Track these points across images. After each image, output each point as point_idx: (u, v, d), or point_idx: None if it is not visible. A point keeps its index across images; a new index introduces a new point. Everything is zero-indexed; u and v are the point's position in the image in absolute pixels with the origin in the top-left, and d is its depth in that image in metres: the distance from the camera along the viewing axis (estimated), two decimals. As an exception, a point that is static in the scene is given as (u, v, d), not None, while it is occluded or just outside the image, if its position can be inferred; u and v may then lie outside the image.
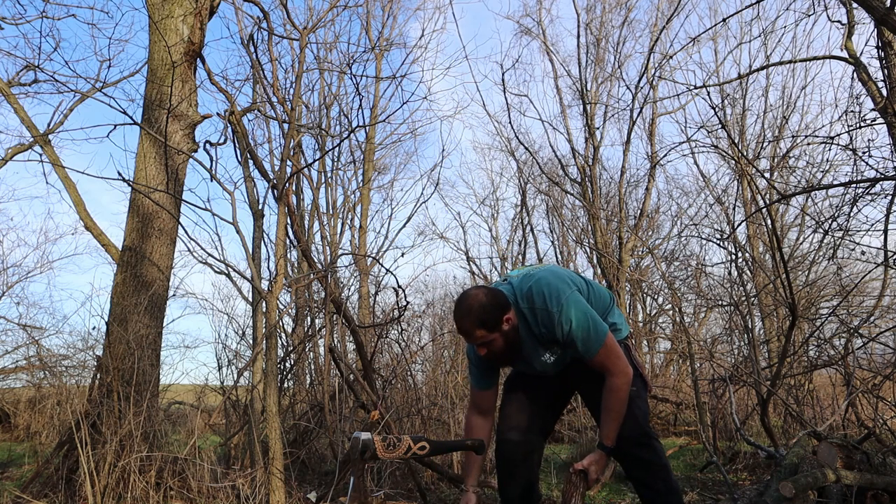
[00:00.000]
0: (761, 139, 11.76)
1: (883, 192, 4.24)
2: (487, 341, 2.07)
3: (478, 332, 2.05)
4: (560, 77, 12.95)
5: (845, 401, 4.52)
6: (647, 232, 12.96)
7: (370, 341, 5.00)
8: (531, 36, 12.91)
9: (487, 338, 2.06)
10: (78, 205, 4.97)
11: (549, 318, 2.07)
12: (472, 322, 2.04)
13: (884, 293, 5.52)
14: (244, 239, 3.72)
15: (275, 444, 3.03)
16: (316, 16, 10.88)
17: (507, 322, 2.09)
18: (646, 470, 2.19)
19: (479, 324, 2.04)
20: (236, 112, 4.34)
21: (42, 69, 7.13)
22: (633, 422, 2.14)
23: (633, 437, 2.15)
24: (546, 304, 2.07)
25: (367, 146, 12.68)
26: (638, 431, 2.15)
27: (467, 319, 2.04)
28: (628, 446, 2.15)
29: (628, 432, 2.13)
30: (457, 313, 2.08)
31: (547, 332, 2.10)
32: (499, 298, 2.09)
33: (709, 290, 9.88)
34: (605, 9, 12.43)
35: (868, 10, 2.75)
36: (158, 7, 4.64)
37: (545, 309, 2.08)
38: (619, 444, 2.12)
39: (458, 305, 2.10)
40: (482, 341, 2.07)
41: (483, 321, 2.04)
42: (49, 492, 3.53)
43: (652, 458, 2.18)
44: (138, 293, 4.27)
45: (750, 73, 7.13)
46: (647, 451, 2.17)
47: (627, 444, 2.14)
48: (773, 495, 2.74)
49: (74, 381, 6.52)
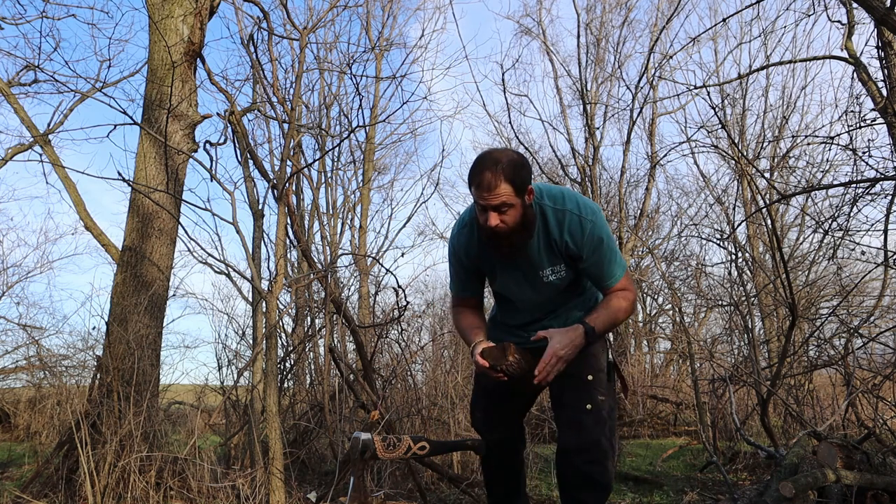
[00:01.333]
0: (761, 139, 11.76)
1: (883, 192, 4.24)
2: (508, 204, 1.74)
3: (502, 187, 1.71)
4: (560, 77, 12.97)
5: (845, 401, 4.52)
6: (647, 232, 12.97)
7: (370, 341, 5.00)
8: (531, 36, 12.94)
9: (510, 198, 1.73)
10: (78, 205, 4.97)
11: (578, 225, 1.83)
12: (500, 173, 1.70)
13: (884, 293, 5.52)
14: (244, 239, 3.72)
15: (275, 444, 3.03)
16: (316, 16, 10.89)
17: (530, 195, 1.80)
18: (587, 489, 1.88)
19: (507, 177, 1.71)
20: (236, 112, 4.33)
21: (42, 69, 7.14)
22: (596, 435, 1.87)
23: (587, 452, 1.86)
24: (579, 210, 1.84)
25: (367, 146, 12.68)
26: (595, 446, 1.87)
27: (494, 169, 1.71)
28: (579, 461, 1.86)
29: (586, 445, 1.86)
30: (480, 163, 1.74)
31: (567, 240, 1.85)
32: (528, 164, 1.80)
33: (709, 290, 9.88)
34: (605, 9, 12.45)
35: (868, 10, 2.75)
36: (158, 7, 4.64)
37: (577, 214, 1.83)
38: (568, 457, 1.89)
39: (481, 157, 1.76)
40: (502, 202, 1.73)
41: (512, 176, 1.72)
42: (49, 492, 3.53)
43: (600, 479, 1.87)
44: (138, 293, 4.27)
45: (750, 73, 7.12)
46: (598, 469, 1.87)
47: (579, 458, 1.86)
48: (773, 495, 2.74)
49: (74, 381, 6.53)
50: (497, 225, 1.77)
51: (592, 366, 1.97)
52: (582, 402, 1.92)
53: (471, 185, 1.78)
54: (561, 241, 1.87)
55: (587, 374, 1.95)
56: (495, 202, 1.73)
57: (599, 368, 1.99)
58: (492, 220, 1.76)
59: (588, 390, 1.93)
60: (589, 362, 1.96)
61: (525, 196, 1.79)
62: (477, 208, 1.81)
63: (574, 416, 1.92)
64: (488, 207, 1.75)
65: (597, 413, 1.90)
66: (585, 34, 12.20)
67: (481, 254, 1.98)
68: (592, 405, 1.91)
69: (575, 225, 1.84)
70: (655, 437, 6.91)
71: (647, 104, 11.81)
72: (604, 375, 1.99)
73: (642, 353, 10.57)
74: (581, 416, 1.90)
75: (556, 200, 1.87)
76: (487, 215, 1.76)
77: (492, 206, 1.74)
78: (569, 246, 1.87)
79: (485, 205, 1.75)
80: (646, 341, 11.43)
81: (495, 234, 1.80)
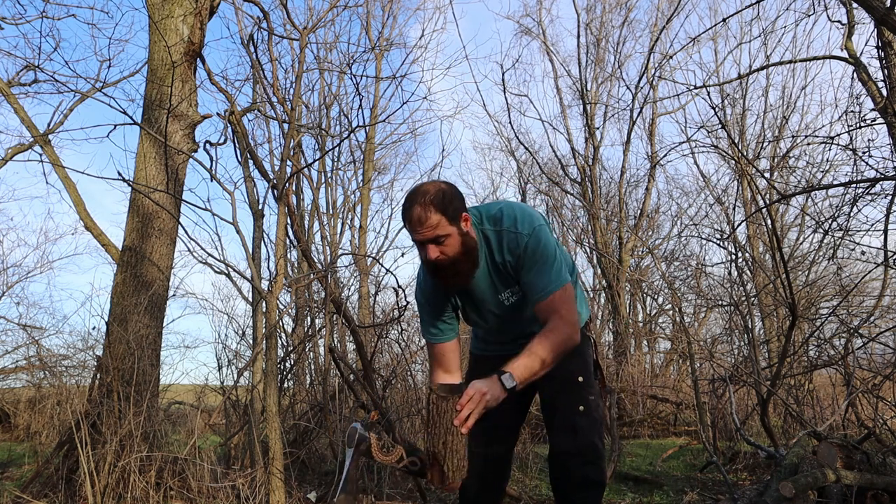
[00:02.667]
0: (761, 139, 11.76)
1: (883, 192, 4.24)
2: (442, 236, 1.70)
3: (433, 217, 1.68)
4: (560, 77, 12.97)
5: (845, 401, 4.52)
6: (647, 232, 12.97)
7: (370, 341, 5.00)
8: (531, 36, 12.94)
9: (443, 229, 1.70)
10: (78, 205, 4.97)
11: (515, 242, 1.78)
12: (427, 204, 1.68)
13: (884, 293, 5.52)
14: (244, 239, 3.72)
15: (275, 444, 3.03)
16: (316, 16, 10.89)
17: (466, 222, 1.77)
18: (585, 490, 1.88)
19: (435, 207, 1.68)
20: (236, 112, 4.33)
21: (42, 69, 7.13)
22: (590, 437, 1.87)
23: (583, 455, 1.87)
24: (515, 226, 1.79)
25: (367, 146, 12.68)
26: (590, 448, 1.87)
27: (422, 201, 1.68)
28: (575, 465, 1.87)
29: (582, 448, 1.86)
30: (409, 199, 1.72)
31: (508, 259, 1.82)
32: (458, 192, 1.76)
33: (709, 290, 9.88)
34: (605, 9, 12.45)
35: (868, 10, 2.75)
36: (158, 7, 4.64)
37: (513, 231, 1.79)
38: (563, 460, 1.88)
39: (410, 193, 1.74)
40: (436, 235, 1.70)
41: (442, 206, 1.69)
42: (49, 492, 3.53)
43: (597, 478, 1.87)
44: (138, 293, 4.27)
45: (750, 73, 7.13)
46: (594, 469, 1.87)
47: (575, 462, 1.87)
48: (773, 495, 2.74)
49: (74, 381, 6.53)
50: (437, 257, 1.74)
51: (582, 367, 1.96)
52: (575, 404, 1.91)
53: (404, 223, 1.76)
54: (504, 262, 1.84)
55: (578, 375, 1.94)
56: (430, 235, 1.71)
57: (588, 369, 1.98)
58: (431, 253, 1.73)
59: (579, 392, 1.92)
60: (577, 361, 1.94)
61: (460, 224, 1.75)
62: (417, 248, 1.78)
63: (568, 420, 1.91)
64: (424, 242, 1.73)
65: (588, 414, 1.90)
66: (585, 34, 12.21)
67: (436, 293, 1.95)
68: (584, 406, 1.91)
69: (513, 243, 1.80)
70: (655, 437, 6.91)
71: (647, 104, 11.82)
72: (591, 373, 1.99)
73: (642, 353, 10.57)
74: (575, 419, 1.89)
75: (496, 221, 1.83)
76: (426, 250, 1.73)
77: (427, 239, 1.72)
78: (512, 265, 1.83)
79: (421, 240, 1.73)
80: (646, 341, 11.43)
81: (438, 268, 1.76)
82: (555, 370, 1.86)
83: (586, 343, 2.00)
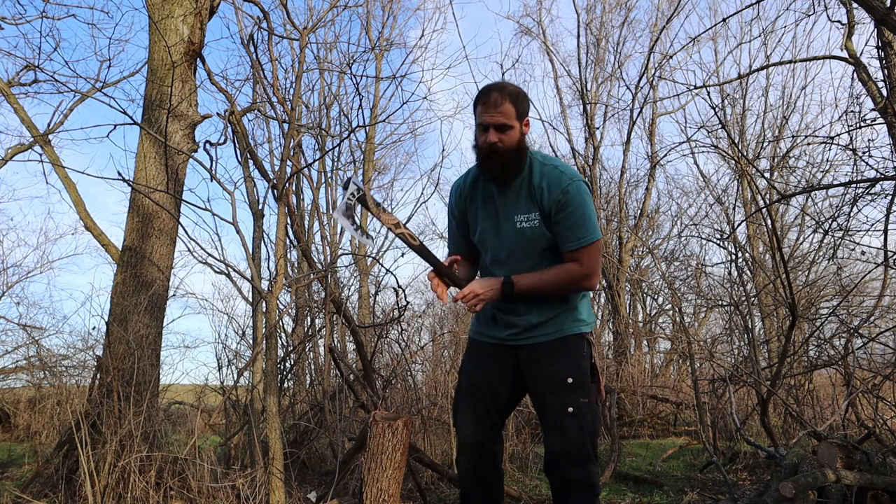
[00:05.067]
0: (761, 139, 11.76)
1: (883, 192, 4.24)
2: (508, 125, 1.89)
3: (505, 107, 1.88)
4: (560, 77, 12.97)
5: (845, 401, 4.52)
6: (647, 232, 12.97)
7: (370, 341, 5.00)
8: (531, 36, 12.94)
9: (510, 120, 1.89)
10: (78, 205, 4.97)
11: (557, 179, 1.92)
12: (504, 94, 1.89)
13: (884, 293, 5.52)
14: (244, 239, 3.73)
15: (275, 444, 3.03)
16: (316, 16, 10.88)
17: (527, 126, 1.97)
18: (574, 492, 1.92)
19: (511, 99, 1.90)
20: (236, 112, 4.33)
21: (42, 69, 7.11)
22: (578, 438, 1.90)
23: (571, 456, 1.90)
24: (563, 169, 1.95)
25: (367, 146, 12.67)
26: (578, 449, 1.90)
27: (501, 91, 1.90)
28: (565, 465, 1.90)
29: (570, 449, 1.89)
30: (487, 87, 1.93)
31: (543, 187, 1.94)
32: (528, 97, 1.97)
33: (709, 290, 9.88)
34: (605, 9, 12.45)
35: (868, 10, 2.75)
36: (158, 7, 4.64)
37: (560, 170, 1.94)
38: (553, 460, 1.92)
39: (489, 84, 1.96)
40: (503, 122, 1.88)
41: (515, 100, 1.90)
42: (49, 492, 3.53)
43: (585, 480, 1.91)
44: (138, 293, 4.27)
45: (750, 73, 7.13)
46: (581, 472, 1.90)
47: (564, 462, 1.90)
48: (773, 495, 2.74)
49: (74, 381, 6.52)
50: (496, 142, 1.90)
51: (572, 366, 1.97)
52: (564, 405, 1.92)
53: (476, 105, 1.93)
54: (538, 189, 1.95)
55: (567, 376, 1.95)
56: (498, 120, 1.88)
57: (580, 370, 1.97)
58: (492, 136, 1.89)
59: (569, 393, 1.93)
60: (569, 362, 1.97)
61: (523, 125, 1.94)
62: (478, 130, 1.95)
63: (556, 420, 1.93)
64: (491, 125, 1.90)
65: (578, 416, 1.91)
66: (585, 34, 12.21)
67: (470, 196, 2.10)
68: (574, 408, 1.91)
69: (555, 178, 1.93)
70: (655, 437, 6.91)
71: (647, 104, 11.82)
72: (585, 377, 1.98)
73: (642, 353, 10.56)
74: (563, 420, 1.91)
75: (547, 158, 2.00)
76: (488, 134, 1.90)
77: (494, 123, 1.89)
78: (544, 194, 1.94)
79: (488, 122, 1.90)
80: (646, 341, 11.43)
81: (493, 151, 1.91)
82: (545, 370, 1.96)
83: (582, 346, 2.01)
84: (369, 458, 1.77)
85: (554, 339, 2.00)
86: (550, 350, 1.99)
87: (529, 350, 2.02)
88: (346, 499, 3.60)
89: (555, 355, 1.98)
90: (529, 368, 2.02)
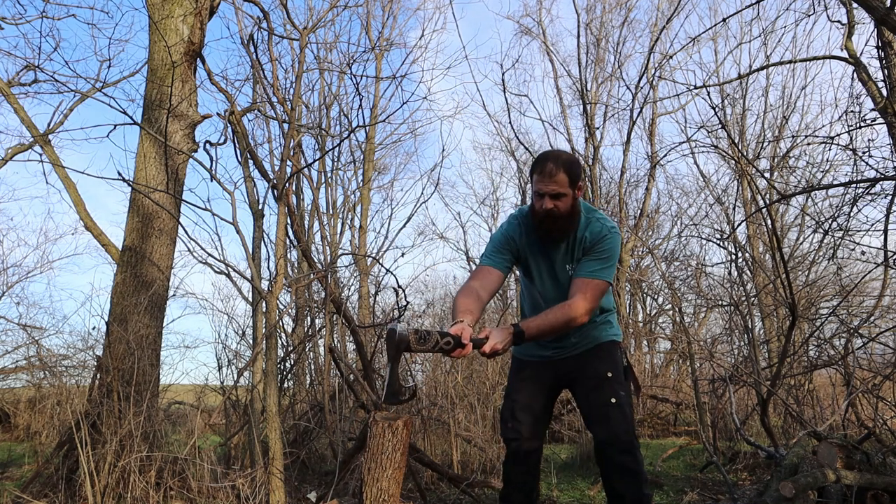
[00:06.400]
0: (761, 139, 11.76)
1: (883, 192, 4.24)
2: (562, 193, 2.05)
3: (560, 176, 2.04)
4: (560, 77, 12.96)
5: (845, 401, 4.52)
6: (647, 232, 12.97)
7: (370, 341, 5.00)
8: (531, 36, 12.93)
9: (564, 189, 2.05)
10: (78, 205, 4.97)
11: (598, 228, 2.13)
12: (559, 164, 2.04)
13: (884, 293, 5.52)
14: (244, 239, 3.72)
15: (275, 444, 3.03)
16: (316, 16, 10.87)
17: (580, 191, 2.12)
18: (623, 477, 2.10)
19: (566, 168, 2.04)
20: (236, 112, 4.33)
21: (42, 69, 7.12)
22: (623, 426, 2.08)
23: (620, 443, 2.08)
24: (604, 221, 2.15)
25: (367, 146, 12.67)
26: (626, 437, 2.09)
27: (556, 161, 2.04)
28: (613, 452, 2.09)
29: (618, 437, 2.07)
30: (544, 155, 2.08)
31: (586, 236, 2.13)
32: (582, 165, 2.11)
33: (709, 290, 9.88)
34: (605, 9, 12.45)
35: (868, 10, 2.75)
36: (158, 7, 4.64)
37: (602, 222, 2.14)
38: (601, 449, 2.10)
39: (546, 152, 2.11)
40: (557, 191, 2.04)
41: (569, 169, 2.05)
42: (49, 492, 3.53)
43: (633, 467, 2.09)
44: (138, 293, 4.27)
45: (750, 73, 7.13)
46: (629, 458, 2.09)
47: (613, 449, 2.08)
48: (773, 495, 2.74)
49: (74, 381, 6.51)
50: (551, 209, 2.06)
51: (610, 363, 2.20)
52: (607, 397, 2.12)
53: (533, 173, 2.11)
54: (582, 238, 2.15)
55: (607, 371, 2.17)
56: (553, 189, 2.05)
57: (616, 366, 2.21)
58: (547, 203, 2.06)
59: (610, 386, 2.14)
60: (607, 361, 2.21)
61: (576, 191, 2.10)
62: (534, 196, 2.11)
63: (602, 411, 2.12)
64: (546, 193, 2.06)
65: (620, 406, 2.10)
66: (585, 34, 12.21)
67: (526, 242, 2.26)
68: (616, 398, 2.11)
69: (596, 229, 2.14)
70: (655, 437, 6.91)
71: (647, 104, 11.81)
72: (620, 373, 2.20)
73: (642, 353, 10.56)
74: (608, 410, 2.11)
75: (590, 212, 2.19)
76: (544, 200, 2.07)
77: (549, 192, 2.05)
78: (586, 242, 2.15)
79: (544, 190, 2.06)
80: (646, 341, 11.42)
81: (548, 216, 2.08)
82: (587, 371, 2.20)
83: (615, 350, 2.26)
84: (369, 458, 1.80)
85: (591, 346, 2.25)
86: (590, 355, 2.23)
87: (571, 360, 2.26)
88: (346, 499, 3.60)
89: (594, 358, 2.21)
90: (571, 373, 2.25)
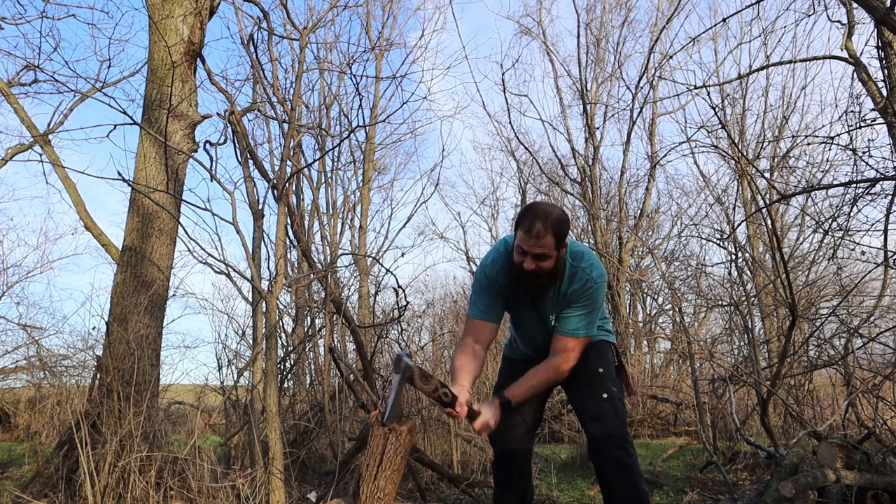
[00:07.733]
0: (761, 139, 11.76)
1: (883, 192, 4.24)
2: (546, 255, 1.97)
3: (547, 239, 1.95)
4: (560, 77, 12.96)
5: (845, 401, 4.52)
6: (647, 232, 12.96)
7: (370, 341, 5.00)
8: (531, 36, 12.94)
9: (549, 251, 1.97)
10: (78, 205, 4.97)
11: (583, 281, 2.06)
12: (548, 226, 1.94)
13: (884, 293, 5.51)
14: (244, 239, 3.72)
15: (275, 444, 3.03)
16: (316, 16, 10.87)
17: (564, 249, 2.05)
18: (617, 471, 2.10)
19: (553, 230, 1.95)
20: (236, 112, 4.33)
21: (42, 69, 7.12)
22: (615, 421, 2.09)
23: (614, 438, 2.09)
24: (591, 271, 2.07)
25: (367, 146, 12.68)
26: (619, 432, 2.10)
27: (545, 222, 1.94)
28: (609, 447, 2.09)
29: (611, 432, 2.08)
30: (532, 212, 1.98)
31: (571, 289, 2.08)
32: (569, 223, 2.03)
33: (709, 290, 9.87)
34: (605, 9, 12.45)
35: (868, 10, 2.75)
36: (158, 7, 4.63)
37: (588, 273, 2.06)
38: (596, 445, 2.10)
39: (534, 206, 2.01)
40: (542, 252, 1.96)
41: (557, 231, 1.96)
42: (49, 492, 3.54)
43: (626, 461, 2.09)
44: (138, 293, 4.27)
45: (750, 73, 7.13)
46: (622, 452, 2.09)
47: (608, 444, 2.09)
48: (773, 495, 2.74)
49: (74, 381, 6.51)
50: (533, 269, 2.00)
51: (601, 361, 2.21)
52: (598, 392, 2.14)
53: (518, 229, 2.01)
54: (567, 291, 2.11)
55: (598, 367, 2.18)
56: (538, 251, 1.97)
57: (608, 364, 2.22)
58: (528, 264, 2.00)
59: (601, 381, 2.16)
60: (598, 358, 2.21)
61: (561, 250, 2.03)
62: (517, 250, 2.03)
63: (594, 407, 2.13)
64: (530, 253, 1.98)
65: (612, 401, 2.12)
66: (585, 34, 12.21)
67: (510, 285, 2.18)
68: (608, 394, 2.13)
69: (581, 279, 2.08)
70: (655, 437, 6.91)
71: (647, 104, 11.82)
72: (612, 370, 2.21)
73: (642, 353, 10.57)
74: (600, 405, 2.12)
75: (576, 258, 2.11)
76: (526, 259, 2.00)
77: (534, 253, 1.98)
78: (569, 295, 2.10)
79: (528, 251, 1.98)
80: (646, 341, 11.42)
81: (528, 275, 2.03)
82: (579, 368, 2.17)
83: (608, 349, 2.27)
84: (368, 456, 1.81)
85: None
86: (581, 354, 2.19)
87: None
88: (346, 499, 3.60)
89: (585, 356, 2.19)
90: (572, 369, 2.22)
